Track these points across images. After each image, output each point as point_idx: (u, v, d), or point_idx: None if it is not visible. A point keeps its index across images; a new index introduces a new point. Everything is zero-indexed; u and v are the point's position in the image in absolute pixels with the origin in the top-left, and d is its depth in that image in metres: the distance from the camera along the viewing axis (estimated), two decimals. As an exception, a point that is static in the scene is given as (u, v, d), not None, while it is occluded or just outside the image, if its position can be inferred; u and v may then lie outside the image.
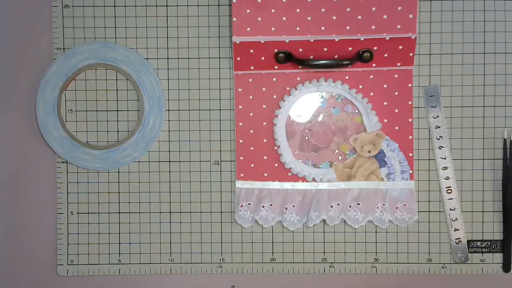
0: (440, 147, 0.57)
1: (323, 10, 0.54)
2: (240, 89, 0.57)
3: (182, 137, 0.58)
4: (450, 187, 0.57)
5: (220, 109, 0.58)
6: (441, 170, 0.57)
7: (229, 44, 0.57)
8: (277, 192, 0.57)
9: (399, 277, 0.58)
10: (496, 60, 0.57)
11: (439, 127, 0.57)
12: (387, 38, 0.54)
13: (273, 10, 0.55)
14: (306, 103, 0.57)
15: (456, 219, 0.57)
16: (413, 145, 0.57)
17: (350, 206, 0.57)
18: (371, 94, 0.56)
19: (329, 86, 0.56)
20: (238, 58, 0.55)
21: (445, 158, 0.57)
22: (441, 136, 0.56)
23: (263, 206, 0.57)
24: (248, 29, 0.55)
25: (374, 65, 0.56)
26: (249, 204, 0.57)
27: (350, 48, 0.55)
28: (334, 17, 0.54)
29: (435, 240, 0.58)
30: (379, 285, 0.58)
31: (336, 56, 0.55)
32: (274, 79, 0.57)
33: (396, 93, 0.56)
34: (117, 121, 0.58)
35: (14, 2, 0.58)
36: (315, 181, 0.57)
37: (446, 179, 0.57)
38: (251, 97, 0.57)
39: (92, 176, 0.58)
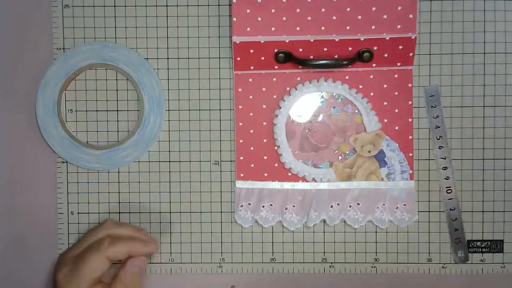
0: (440, 147, 0.57)
1: (323, 10, 0.54)
2: (240, 89, 0.57)
3: (182, 137, 0.58)
4: (450, 187, 0.57)
5: (220, 109, 0.58)
6: (441, 170, 0.57)
7: (229, 44, 0.57)
8: (277, 192, 0.57)
9: (399, 277, 0.58)
10: (496, 60, 0.57)
11: (439, 127, 0.57)
12: (387, 38, 0.54)
13: (273, 10, 0.55)
14: (306, 103, 0.57)
15: (456, 219, 0.57)
16: (413, 145, 0.57)
17: (350, 206, 0.57)
18: (371, 94, 0.56)
19: (329, 86, 0.56)
20: (238, 58, 0.55)
21: (445, 158, 0.57)
22: (441, 136, 0.56)
23: (263, 206, 0.57)
24: (248, 29, 0.55)
25: (374, 65, 0.56)
26: (249, 204, 0.57)
27: (350, 48, 0.55)
28: (334, 17, 0.54)
29: (435, 240, 0.58)
30: (379, 285, 0.58)
31: (336, 56, 0.55)
32: (274, 79, 0.57)
33: (396, 93, 0.56)
34: (117, 121, 0.58)
35: (14, 2, 0.58)
36: (315, 181, 0.57)
37: (446, 179, 0.57)
38: (251, 97, 0.57)
39: (92, 176, 0.58)
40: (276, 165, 0.57)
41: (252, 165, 0.57)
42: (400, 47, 0.55)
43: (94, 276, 0.51)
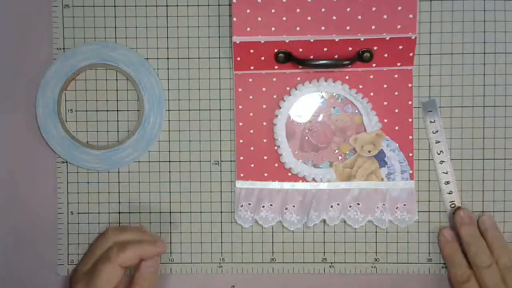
0: (441, 162, 0.56)
1: (323, 10, 0.54)
2: (240, 89, 0.57)
3: (182, 137, 0.58)
4: (453, 201, 0.57)
5: (220, 109, 0.58)
6: (444, 185, 0.57)
7: (229, 44, 0.57)
8: (277, 192, 0.57)
9: (399, 277, 0.58)
10: (496, 60, 0.57)
11: (439, 142, 0.56)
12: (387, 38, 0.54)
13: (273, 10, 0.55)
14: (306, 103, 0.57)
15: None
16: (413, 145, 0.57)
17: (350, 206, 0.57)
18: (371, 94, 0.56)
19: (329, 86, 0.56)
20: (238, 58, 0.55)
21: (447, 173, 0.57)
22: (442, 151, 0.56)
23: (263, 206, 0.57)
24: (248, 29, 0.55)
25: (374, 65, 0.56)
26: (249, 204, 0.57)
27: (350, 48, 0.55)
28: (334, 17, 0.54)
29: (435, 240, 0.58)
30: (379, 285, 0.58)
31: (336, 56, 0.55)
32: (274, 79, 0.57)
33: (396, 93, 0.56)
34: (117, 121, 0.58)
35: (14, 2, 0.58)
36: (315, 181, 0.57)
37: (449, 193, 0.57)
38: (251, 97, 0.57)
39: (92, 176, 0.58)
40: (276, 165, 0.57)
41: (252, 165, 0.57)
42: (400, 47, 0.55)
43: (110, 287, 0.51)
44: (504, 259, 0.53)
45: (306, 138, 0.57)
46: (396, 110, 0.57)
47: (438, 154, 0.56)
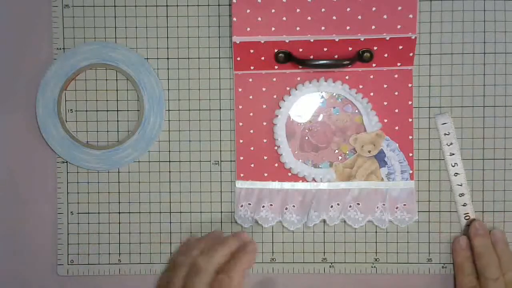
0: (456, 174, 0.56)
1: (323, 10, 0.54)
2: (240, 89, 0.57)
3: (182, 137, 0.58)
4: (468, 213, 0.57)
5: (220, 109, 0.58)
6: (458, 197, 0.56)
7: (229, 44, 0.57)
8: (277, 192, 0.57)
9: (399, 277, 0.58)
10: (496, 60, 0.57)
11: (453, 154, 0.56)
12: (387, 38, 0.54)
13: (273, 10, 0.55)
14: (306, 103, 0.57)
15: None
16: (413, 145, 0.57)
17: (350, 206, 0.57)
18: (371, 94, 0.56)
19: (329, 86, 0.56)
20: (238, 58, 0.55)
21: (461, 185, 0.56)
22: (456, 163, 0.56)
23: (263, 206, 0.57)
24: (248, 29, 0.55)
25: (374, 65, 0.56)
26: (249, 204, 0.57)
27: (350, 48, 0.55)
28: (334, 17, 0.54)
29: (435, 240, 0.58)
30: (379, 285, 0.58)
31: (336, 56, 0.55)
32: (274, 79, 0.57)
33: (396, 93, 0.56)
34: (117, 121, 0.58)
35: (14, 2, 0.58)
36: (315, 181, 0.57)
37: (464, 205, 0.57)
38: (251, 97, 0.57)
39: (92, 176, 0.58)
40: (276, 165, 0.57)
41: (252, 165, 0.57)
42: (400, 47, 0.55)
43: None
44: (511, 274, 0.54)
45: (306, 138, 0.57)
46: (396, 110, 0.57)
47: (453, 166, 0.56)
